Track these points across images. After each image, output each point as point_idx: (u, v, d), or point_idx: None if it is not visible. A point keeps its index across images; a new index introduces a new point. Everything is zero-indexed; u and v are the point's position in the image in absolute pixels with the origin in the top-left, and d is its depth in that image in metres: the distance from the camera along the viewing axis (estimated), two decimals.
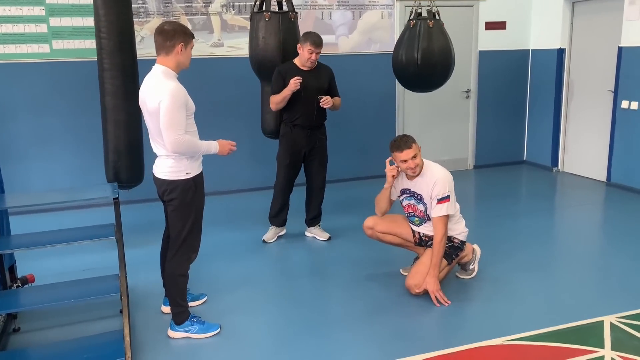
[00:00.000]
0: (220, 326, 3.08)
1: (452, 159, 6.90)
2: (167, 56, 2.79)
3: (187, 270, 3.02)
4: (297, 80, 3.97)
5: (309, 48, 4.02)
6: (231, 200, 5.69)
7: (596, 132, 6.20)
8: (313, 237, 4.56)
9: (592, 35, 6.19)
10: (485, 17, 6.66)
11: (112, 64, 3.99)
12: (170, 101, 2.68)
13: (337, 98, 4.28)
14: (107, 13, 3.94)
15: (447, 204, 3.32)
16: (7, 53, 5.16)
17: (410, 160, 3.29)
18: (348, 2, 6.12)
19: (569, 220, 5.06)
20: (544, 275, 3.76)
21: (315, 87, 4.12)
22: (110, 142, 4.09)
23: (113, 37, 3.96)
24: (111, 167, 4.13)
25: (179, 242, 2.93)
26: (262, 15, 4.24)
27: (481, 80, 6.80)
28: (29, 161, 5.33)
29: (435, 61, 4.45)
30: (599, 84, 6.11)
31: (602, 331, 2.95)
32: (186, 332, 3.00)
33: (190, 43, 2.84)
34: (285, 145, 4.28)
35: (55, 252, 3.98)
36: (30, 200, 3.32)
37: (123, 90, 4.02)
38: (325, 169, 4.43)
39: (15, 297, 2.95)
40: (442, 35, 4.51)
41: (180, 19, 5.59)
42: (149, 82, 2.81)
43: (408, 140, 3.32)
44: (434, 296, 3.31)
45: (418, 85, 4.77)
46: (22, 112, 5.26)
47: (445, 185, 3.33)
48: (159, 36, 2.78)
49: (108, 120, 4.08)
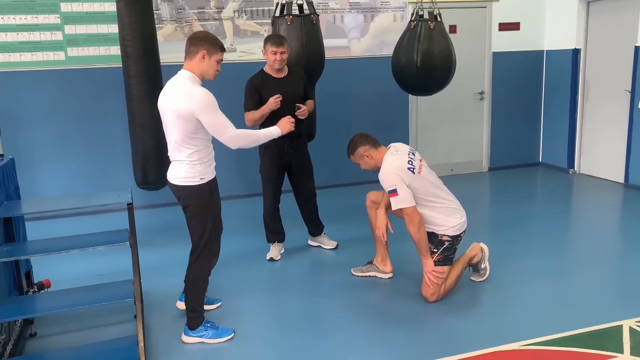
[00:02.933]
0: (234, 331, 3.08)
1: (467, 162, 6.86)
2: (190, 61, 2.81)
3: (208, 275, 3.04)
4: (277, 98, 3.79)
5: (271, 49, 3.83)
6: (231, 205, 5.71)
7: (613, 133, 6.11)
8: (318, 246, 4.45)
9: (607, 35, 6.11)
10: (499, 18, 6.61)
11: (138, 71, 4.08)
12: (206, 106, 2.72)
13: (310, 102, 4.13)
14: (131, 21, 4.02)
15: (395, 197, 3.24)
16: (23, 61, 5.23)
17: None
18: (360, 5, 6.11)
19: (586, 223, 4.98)
20: (561, 278, 3.71)
21: (292, 94, 3.93)
22: (138, 145, 4.18)
23: (138, 45, 4.05)
24: (139, 170, 4.22)
25: (201, 247, 2.94)
26: (284, 19, 4.22)
27: (495, 82, 6.74)
28: (46, 167, 5.40)
29: (435, 64, 4.39)
30: (616, 84, 6.02)
31: (621, 336, 2.90)
32: (200, 337, 3.00)
33: (215, 54, 2.81)
34: (268, 158, 4.08)
35: (71, 258, 4.01)
36: (45, 206, 3.36)
37: (149, 95, 4.07)
38: (312, 176, 4.28)
39: (32, 302, 2.98)
40: (443, 38, 4.46)
41: (193, 25, 5.63)
42: (174, 86, 2.81)
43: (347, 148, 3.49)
44: (427, 277, 3.33)
45: (417, 89, 4.70)
46: (38, 119, 5.33)
47: (386, 180, 3.28)
48: (188, 41, 2.83)
49: (136, 125, 4.17)
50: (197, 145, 2.81)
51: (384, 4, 6.19)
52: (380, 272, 3.81)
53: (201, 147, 2.83)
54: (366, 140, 3.46)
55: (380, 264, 3.80)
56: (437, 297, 3.35)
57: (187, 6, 5.61)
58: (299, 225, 4.44)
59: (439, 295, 3.36)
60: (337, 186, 6.15)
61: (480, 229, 4.62)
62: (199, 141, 2.81)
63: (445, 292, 3.41)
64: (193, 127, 2.75)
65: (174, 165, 2.92)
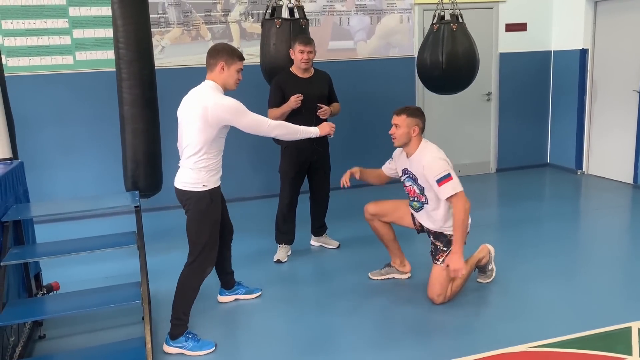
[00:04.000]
0: (215, 344, 3.00)
1: (474, 163, 6.83)
2: (212, 73, 2.93)
3: (199, 284, 3.03)
4: (298, 98, 3.85)
5: (299, 48, 3.90)
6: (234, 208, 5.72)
7: (621, 133, 6.07)
8: (320, 246, 4.48)
9: (615, 35, 6.08)
10: (506, 18, 6.59)
11: (130, 74, 4.04)
12: (239, 111, 2.86)
13: (335, 104, 4.20)
14: (125, 23, 3.98)
15: (450, 182, 3.19)
16: (32, 65, 5.29)
17: (394, 126, 3.33)
18: (366, 7, 6.12)
19: (594, 224, 4.96)
20: (568, 280, 3.69)
21: (316, 95, 3.99)
22: (129, 151, 4.13)
23: (131, 47, 4.00)
24: (130, 176, 4.16)
25: (197, 252, 2.96)
26: (273, 22, 4.24)
27: (502, 83, 6.72)
28: (55, 170, 5.45)
29: (461, 64, 4.47)
30: (624, 84, 5.99)
31: (630, 338, 2.88)
32: (180, 348, 2.95)
33: (234, 63, 2.90)
34: (289, 157, 4.11)
35: (79, 260, 4.04)
36: (53, 209, 3.39)
37: (141, 99, 4.07)
38: (329, 177, 4.32)
39: (41, 304, 3.00)
40: (466, 38, 4.52)
41: (200, 29, 5.66)
42: (199, 94, 2.89)
43: (405, 109, 3.33)
44: (454, 275, 3.23)
45: (443, 88, 4.78)
46: (47, 122, 5.38)
47: (435, 167, 3.22)
48: (207, 54, 2.94)
49: (126, 130, 4.12)
50: (210, 152, 2.88)
51: (390, 5, 6.19)
52: (399, 273, 3.81)
53: (212, 154, 2.90)
54: (423, 120, 3.38)
55: (400, 266, 3.79)
56: (443, 299, 3.34)
57: (194, 9, 5.63)
58: (300, 226, 4.44)
59: (445, 297, 3.35)
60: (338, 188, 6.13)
61: (487, 229, 4.61)
62: (214, 149, 2.90)
63: (452, 294, 3.40)
64: (215, 133, 2.85)
65: (181, 170, 2.98)
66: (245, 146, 5.63)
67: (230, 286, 3.57)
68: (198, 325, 3.20)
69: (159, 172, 4.26)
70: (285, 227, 4.25)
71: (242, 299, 3.58)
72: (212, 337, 3.08)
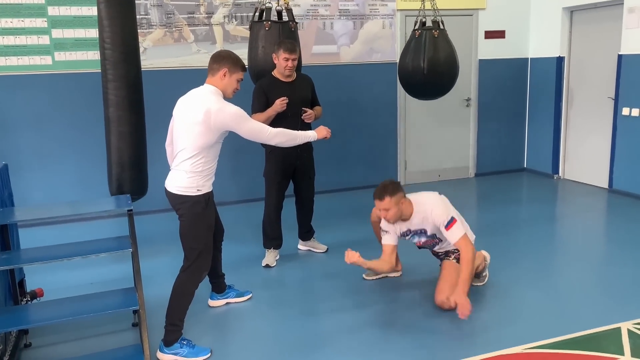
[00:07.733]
0: (211, 350, 2.97)
1: (454, 167, 6.93)
2: (212, 77, 2.91)
3: (195, 288, 2.98)
4: (283, 101, 3.83)
5: (284, 56, 3.86)
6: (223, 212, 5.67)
7: (597, 139, 6.24)
8: (309, 250, 4.47)
9: (590, 43, 6.25)
10: (485, 26, 6.72)
11: (116, 75, 3.95)
12: (241, 118, 2.85)
13: (318, 108, 4.19)
14: (111, 24, 3.89)
15: (456, 225, 3.29)
16: (9, 65, 5.13)
17: (382, 210, 3.29)
18: (349, 12, 6.15)
19: (572, 228, 5.07)
20: (553, 283, 3.76)
21: (300, 98, 3.98)
22: (114, 154, 4.03)
23: (117, 48, 3.92)
24: (115, 180, 4.06)
25: (193, 257, 2.91)
26: (262, 24, 4.21)
27: (481, 89, 6.84)
28: (31, 173, 5.29)
29: (442, 70, 4.53)
30: (599, 91, 6.16)
31: (620, 338, 2.95)
32: (174, 355, 2.90)
33: (236, 72, 2.90)
34: (274, 162, 4.09)
35: (62, 266, 3.93)
36: (41, 213, 3.27)
37: (127, 101, 3.98)
38: (314, 181, 4.33)
39: (28, 312, 2.90)
40: (447, 45, 4.59)
41: (182, 31, 5.59)
42: (199, 98, 2.86)
43: (385, 191, 3.26)
44: (463, 314, 3.14)
45: (425, 94, 4.83)
46: (24, 124, 5.22)
47: (442, 214, 3.31)
48: (211, 58, 2.93)
49: (112, 132, 4.02)
50: (207, 156, 2.86)
51: (373, 11, 6.23)
52: (392, 272, 3.86)
53: (209, 159, 2.88)
54: (399, 184, 3.40)
55: None
56: (453, 305, 3.31)
57: (177, 11, 5.56)
58: (287, 231, 4.40)
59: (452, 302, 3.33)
60: (324, 192, 6.13)
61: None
62: (211, 153, 2.88)
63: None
64: (214, 138, 2.83)
65: (174, 173, 2.92)
66: (226, 150, 5.55)
67: (221, 290, 3.53)
68: (190, 330, 3.14)
69: (145, 176, 4.17)
70: (273, 232, 4.23)
71: (233, 302, 3.55)
72: (204, 342, 3.03)
